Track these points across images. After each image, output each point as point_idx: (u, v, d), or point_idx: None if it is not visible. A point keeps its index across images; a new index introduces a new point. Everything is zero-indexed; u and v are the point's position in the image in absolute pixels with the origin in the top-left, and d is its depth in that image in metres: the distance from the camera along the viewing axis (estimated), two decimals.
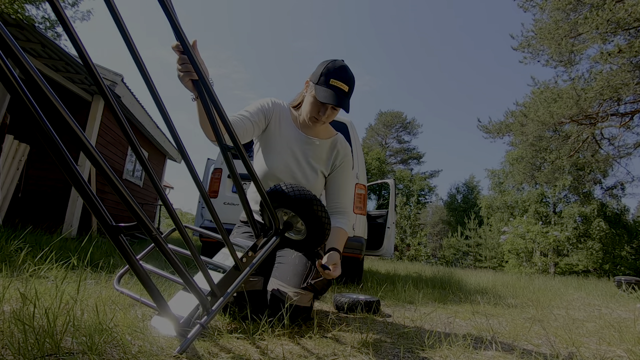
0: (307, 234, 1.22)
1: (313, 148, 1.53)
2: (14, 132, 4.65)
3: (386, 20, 53.76)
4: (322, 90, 1.35)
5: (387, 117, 33.24)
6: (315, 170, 1.52)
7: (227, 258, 1.26)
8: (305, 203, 1.15)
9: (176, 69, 1.02)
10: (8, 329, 0.84)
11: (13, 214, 4.51)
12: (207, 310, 0.96)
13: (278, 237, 1.20)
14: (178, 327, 0.97)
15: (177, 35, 0.82)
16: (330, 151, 1.56)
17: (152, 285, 0.86)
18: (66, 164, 0.66)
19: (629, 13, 7.87)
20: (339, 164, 1.57)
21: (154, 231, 0.78)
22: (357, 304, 1.89)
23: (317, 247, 1.27)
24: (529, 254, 18.35)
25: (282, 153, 1.48)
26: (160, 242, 0.81)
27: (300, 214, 1.18)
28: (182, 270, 0.87)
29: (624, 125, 10.74)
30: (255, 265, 1.12)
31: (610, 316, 2.38)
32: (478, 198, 29.01)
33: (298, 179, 1.50)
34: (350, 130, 3.41)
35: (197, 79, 0.96)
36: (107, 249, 3.33)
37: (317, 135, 1.55)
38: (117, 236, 0.76)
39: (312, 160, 1.52)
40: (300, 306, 1.35)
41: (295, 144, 1.51)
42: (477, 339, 1.45)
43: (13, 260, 1.79)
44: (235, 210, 3.19)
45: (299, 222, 1.24)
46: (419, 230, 22.85)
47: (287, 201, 1.17)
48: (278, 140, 1.49)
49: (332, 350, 1.10)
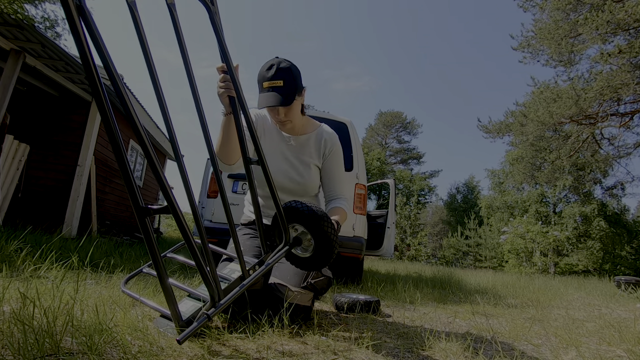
0: (315, 251, 1.24)
1: (300, 144, 1.57)
2: (14, 132, 4.65)
3: (386, 20, 53.81)
4: (259, 97, 1.36)
5: (387, 117, 33.24)
6: (308, 165, 1.55)
7: (232, 272, 1.28)
8: (316, 219, 1.18)
9: (218, 85, 1.16)
10: (8, 329, 0.84)
11: (13, 214, 4.51)
12: (215, 303, 0.96)
13: (287, 248, 1.22)
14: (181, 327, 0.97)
15: (224, 57, 1.00)
16: (317, 142, 1.59)
17: (167, 279, 0.88)
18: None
19: (629, 14, 7.87)
20: (329, 152, 1.59)
21: (184, 221, 0.81)
22: (356, 304, 1.89)
23: (321, 267, 1.28)
24: (529, 254, 18.35)
25: (272, 157, 1.53)
26: (187, 233, 0.83)
27: (311, 230, 1.21)
28: (200, 263, 0.89)
29: (623, 125, 10.73)
30: (261, 273, 1.13)
31: (610, 316, 2.38)
32: (478, 198, 29.00)
33: (293, 177, 1.53)
34: (350, 130, 3.41)
35: (234, 97, 1.10)
36: (107, 249, 3.33)
37: (301, 132, 1.58)
38: (144, 218, 0.79)
39: (302, 156, 1.56)
40: (300, 305, 1.35)
41: (283, 145, 1.56)
42: (477, 339, 1.45)
43: (13, 260, 1.79)
44: (235, 211, 3.19)
45: (308, 240, 1.26)
46: (420, 231, 22.86)
47: (299, 216, 1.20)
48: (266, 147, 1.54)
49: (332, 350, 1.10)
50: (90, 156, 5.17)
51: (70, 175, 5.12)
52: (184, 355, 0.92)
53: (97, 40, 0.68)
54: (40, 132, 5.38)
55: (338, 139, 1.63)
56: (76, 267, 1.88)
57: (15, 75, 4.06)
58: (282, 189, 1.53)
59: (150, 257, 0.84)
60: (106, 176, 6.23)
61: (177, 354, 0.92)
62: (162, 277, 0.86)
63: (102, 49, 0.70)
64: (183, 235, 0.84)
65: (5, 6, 7.77)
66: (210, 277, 0.93)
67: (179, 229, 0.83)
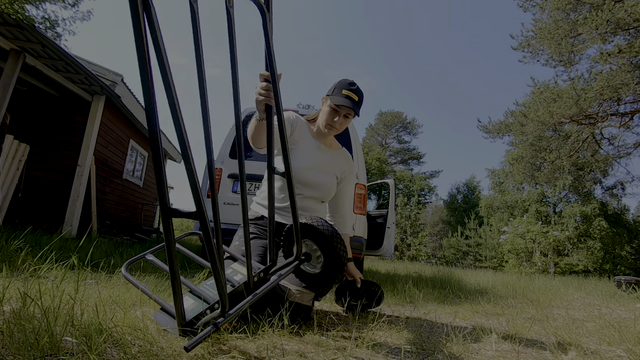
0: (323, 268, 1.26)
1: (326, 156, 1.73)
2: (14, 132, 4.65)
3: (386, 21, 53.80)
4: (336, 98, 1.59)
5: (387, 117, 33.23)
6: (331, 174, 1.71)
7: (235, 273, 1.29)
8: (329, 238, 1.24)
9: (257, 92, 1.19)
10: (8, 329, 0.84)
11: (13, 214, 4.51)
12: (224, 311, 0.96)
13: (297, 263, 1.24)
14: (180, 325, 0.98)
15: (270, 65, 1.03)
16: (340, 161, 1.77)
17: (179, 277, 0.90)
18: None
19: (629, 13, 7.86)
20: (346, 175, 1.80)
21: (207, 222, 0.83)
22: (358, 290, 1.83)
23: (328, 285, 1.31)
24: (529, 253, 18.34)
25: (307, 154, 1.67)
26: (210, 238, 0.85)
27: (323, 247, 1.24)
28: (218, 270, 0.89)
29: (623, 125, 10.73)
30: (269, 287, 1.14)
31: (610, 316, 2.38)
32: (479, 198, 28.99)
33: (322, 178, 1.65)
34: (350, 130, 3.40)
35: (271, 105, 1.15)
36: (107, 249, 3.33)
37: (329, 147, 1.77)
38: (168, 218, 0.81)
39: (326, 165, 1.72)
40: (300, 304, 1.35)
41: (315, 150, 1.71)
42: (477, 338, 1.45)
43: (13, 260, 1.79)
44: (236, 210, 3.19)
45: (317, 257, 1.29)
46: (420, 231, 22.85)
47: (313, 233, 1.25)
48: (301, 145, 1.68)
49: (332, 350, 1.10)
50: (90, 156, 5.17)
51: (70, 175, 5.12)
52: (183, 355, 0.92)
53: (156, 36, 0.69)
54: (40, 132, 5.38)
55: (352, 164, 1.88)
56: (76, 267, 1.88)
57: (15, 75, 4.06)
58: (306, 184, 1.63)
59: (167, 255, 0.84)
60: (106, 176, 6.23)
61: (177, 354, 0.92)
62: (175, 273, 0.87)
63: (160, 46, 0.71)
64: (206, 240, 0.84)
65: (6, 6, 7.77)
66: (223, 284, 0.93)
67: (203, 233, 0.84)
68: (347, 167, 1.80)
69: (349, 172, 1.82)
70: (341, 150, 1.83)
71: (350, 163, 1.83)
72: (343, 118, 1.63)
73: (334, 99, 1.60)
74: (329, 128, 1.66)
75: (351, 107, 1.57)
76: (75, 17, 11.71)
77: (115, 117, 6.29)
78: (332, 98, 1.61)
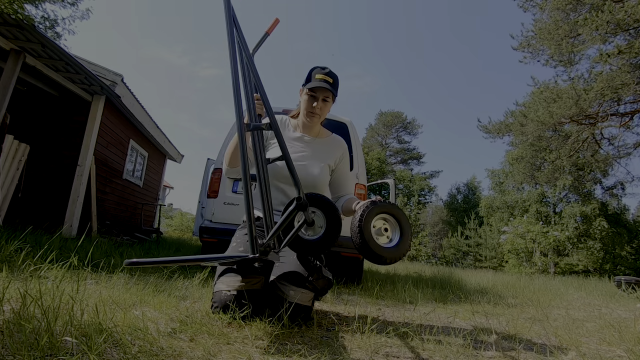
0: (325, 231, 1.36)
1: (315, 145, 1.73)
2: (14, 132, 4.65)
3: (386, 21, 53.81)
4: (310, 83, 1.62)
5: (387, 117, 33.21)
6: (323, 163, 1.71)
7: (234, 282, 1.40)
8: (333, 206, 1.38)
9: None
10: (8, 329, 0.84)
11: (13, 214, 4.51)
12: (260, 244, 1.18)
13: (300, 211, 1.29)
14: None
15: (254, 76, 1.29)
16: (334, 147, 1.78)
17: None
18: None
19: (629, 14, 7.86)
20: (342, 158, 1.80)
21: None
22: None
23: (325, 250, 1.37)
24: (529, 254, 18.32)
25: (291, 150, 1.67)
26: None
27: (326, 212, 1.37)
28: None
29: (623, 125, 10.72)
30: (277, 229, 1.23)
31: (610, 316, 2.38)
32: (480, 199, 28.97)
33: (308, 168, 1.65)
34: (350, 130, 3.40)
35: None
36: (107, 249, 3.33)
37: (316, 136, 1.77)
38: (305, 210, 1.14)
39: (319, 154, 1.72)
40: (300, 305, 1.35)
41: (300, 143, 1.72)
42: (477, 338, 1.45)
43: (13, 260, 1.79)
44: (236, 210, 3.19)
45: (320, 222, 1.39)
46: (420, 231, 22.84)
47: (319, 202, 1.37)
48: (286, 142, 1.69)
49: (332, 350, 1.10)
50: (90, 156, 5.16)
51: (70, 175, 5.12)
52: (184, 355, 0.92)
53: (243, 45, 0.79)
54: (40, 132, 5.38)
55: (347, 145, 1.87)
56: (76, 267, 1.88)
57: (15, 75, 4.06)
58: (287, 178, 1.62)
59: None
60: (106, 176, 6.23)
61: (177, 354, 0.92)
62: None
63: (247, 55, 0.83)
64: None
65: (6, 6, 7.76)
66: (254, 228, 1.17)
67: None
68: (340, 152, 1.79)
69: (344, 155, 1.81)
70: (331, 137, 1.81)
71: (343, 146, 1.81)
72: (322, 102, 1.63)
73: (309, 85, 1.61)
74: (310, 116, 1.66)
75: (327, 87, 1.58)
76: (74, 15, 11.70)
77: (116, 117, 6.28)
78: (307, 85, 1.63)
